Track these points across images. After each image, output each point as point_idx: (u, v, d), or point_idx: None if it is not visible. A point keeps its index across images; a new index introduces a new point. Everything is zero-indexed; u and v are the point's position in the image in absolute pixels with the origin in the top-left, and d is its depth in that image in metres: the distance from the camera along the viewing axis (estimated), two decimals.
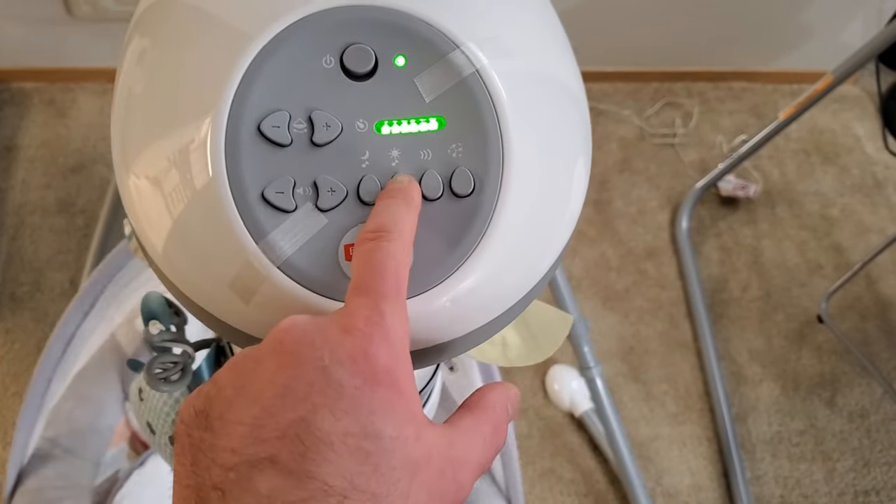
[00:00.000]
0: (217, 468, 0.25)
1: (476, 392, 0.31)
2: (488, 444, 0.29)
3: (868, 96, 1.90)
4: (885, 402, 1.47)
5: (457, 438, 0.28)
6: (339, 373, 0.25)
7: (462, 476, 0.28)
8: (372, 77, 0.31)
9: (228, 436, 0.25)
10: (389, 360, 0.26)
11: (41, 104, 1.70)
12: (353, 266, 0.29)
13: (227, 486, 0.24)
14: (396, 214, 0.29)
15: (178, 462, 0.26)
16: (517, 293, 0.34)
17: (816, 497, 1.37)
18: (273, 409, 0.25)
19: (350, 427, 0.25)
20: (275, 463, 0.24)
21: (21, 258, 1.50)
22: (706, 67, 1.87)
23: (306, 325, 0.27)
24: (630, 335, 1.51)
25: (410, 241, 0.29)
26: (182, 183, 0.31)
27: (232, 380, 0.26)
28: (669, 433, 1.41)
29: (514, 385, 0.32)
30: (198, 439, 0.26)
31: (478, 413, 0.30)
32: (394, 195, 0.30)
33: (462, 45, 0.31)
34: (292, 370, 0.25)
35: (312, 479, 0.24)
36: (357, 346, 0.26)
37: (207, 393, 0.26)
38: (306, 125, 0.30)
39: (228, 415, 0.25)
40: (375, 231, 0.29)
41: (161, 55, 0.33)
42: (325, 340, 0.26)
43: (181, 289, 0.33)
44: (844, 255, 1.64)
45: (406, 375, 0.27)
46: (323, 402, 0.25)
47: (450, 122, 0.31)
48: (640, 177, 1.71)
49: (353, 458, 0.24)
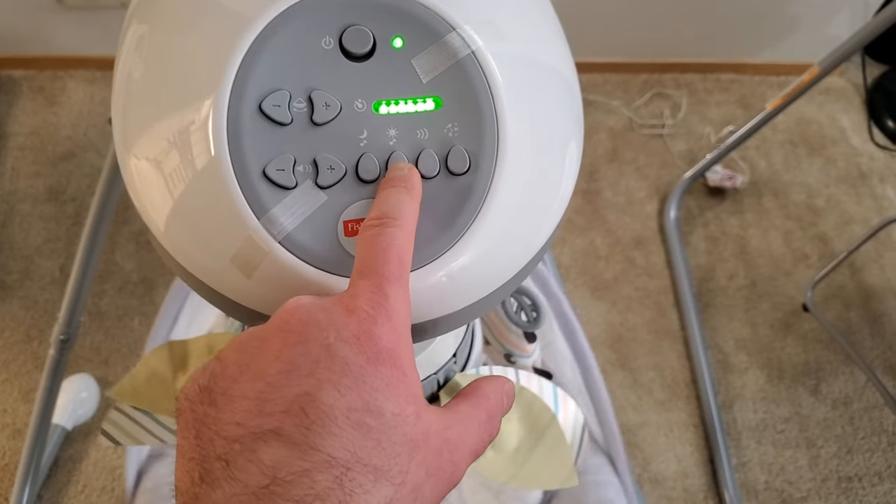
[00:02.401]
0: (221, 440, 0.25)
1: (473, 382, 0.32)
2: (482, 430, 0.31)
3: (854, 88, 1.92)
4: (868, 389, 1.49)
5: (453, 422, 0.29)
6: (343, 351, 0.26)
7: (457, 457, 0.29)
8: (370, 58, 0.32)
9: (233, 410, 0.25)
10: (392, 341, 0.27)
11: (30, 92, 1.70)
12: (358, 251, 0.29)
13: (231, 456, 0.25)
14: (399, 202, 0.30)
15: (182, 436, 0.27)
16: (511, 270, 0.35)
17: (800, 483, 1.39)
18: (278, 384, 0.25)
19: (354, 402, 0.25)
20: (279, 435, 0.24)
21: (11, 246, 1.50)
22: (695, 59, 1.88)
23: (311, 305, 0.27)
24: (618, 323, 1.52)
25: (413, 228, 0.30)
26: (185, 162, 0.31)
27: (237, 357, 0.27)
28: (656, 420, 1.43)
29: (509, 379, 0.33)
30: (202, 414, 0.26)
31: (474, 401, 0.31)
32: (395, 183, 0.31)
33: (458, 27, 0.32)
34: (298, 348, 0.26)
35: (316, 450, 0.24)
36: (362, 327, 0.27)
37: (213, 370, 0.27)
38: (306, 104, 0.31)
39: (233, 391, 0.26)
40: (380, 218, 0.30)
41: (162, 39, 0.34)
42: (330, 321, 0.27)
43: (185, 266, 0.34)
44: (829, 245, 1.66)
45: (408, 356, 0.28)
46: (328, 377, 0.25)
47: (446, 102, 0.32)
48: (628, 167, 1.72)
49: (356, 432, 0.25)
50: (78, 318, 1.22)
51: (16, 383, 1.35)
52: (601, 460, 0.83)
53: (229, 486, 0.24)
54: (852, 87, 1.92)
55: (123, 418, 0.58)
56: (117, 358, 1.38)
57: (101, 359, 1.38)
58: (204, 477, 0.25)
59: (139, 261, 1.49)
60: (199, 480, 0.25)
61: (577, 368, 0.89)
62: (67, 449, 1.29)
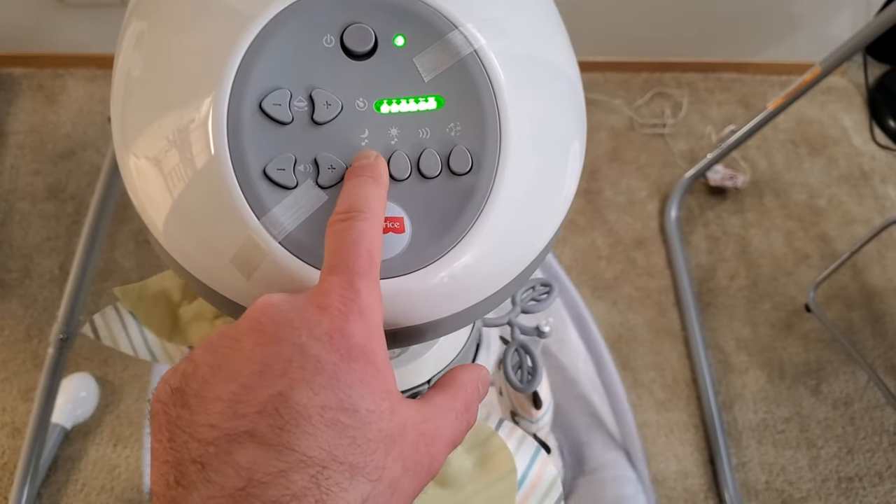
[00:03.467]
0: (195, 443, 0.25)
1: (449, 372, 0.32)
2: (460, 420, 0.30)
3: (855, 88, 1.91)
4: (869, 390, 1.48)
5: (430, 414, 0.29)
6: (316, 349, 0.26)
7: (434, 449, 0.28)
8: (372, 56, 0.32)
9: (206, 412, 0.25)
10: (365, 337, 0.27)
11: (30, 90, 1.69)
12: (327, 245, 0.29)
13: (206, 459, 0.24)
14: (366, 193, 0.30)
15: (156, 439, 0.26)
16: (514, 270, 0.35)
17: (801, 483, 1.39)
18: (251, 385, 0.25)
19: (328, 401, 0.25)
20: (254, 436, 0.24)
21: (10, 244, 1.49)
22: (696, 58, 1.88)
23: (282, 304, 0.27)
24: (619, 323, 1.52)
25: (381, 219, 0.30)
26: (184, 161, 0.31)
27: (208, 358, 0.27)
28: (657, 420, 1.42)
29: (484, 366, 0.33)
30: (175, 416, 0.26)
31: (450, 391, 0.31)
32: (361, 173, 0.30)
33: (461, 25, 0.32)
34: (270, 348, 0.26)
35: (291, 450, 0.24)
36: (334, 324, 0.26)
37: (184, 371, 0.27)
38: (307, 103, 0.31)
39: (206, 392, 0.26)
40: (347, 212, 0.29)
41: (161, 37, 0.33)
42: (302, 319, 0.26)
43: (184, 265, 0.33)
44: (831, 245, 1.66)
45: (381, 351, 0.28)
46: (301, 377, 0.25)
47: (448, 101, 0.32)
48: (629, 166, 1.72)
49: (331, 430, 0.25)
50: (77, 317, 1.22)
51: (15, 382, 1.35)
52: (617, 454, 0.82)
53: (205, 488, 0.24)
54: (854, 87, 1.91)
55: (115, 318, 0.58)
56: (117, 357, 1.37)
57: (100, 358, 1.37)
58: (179, 480, 0.25)
59: (139, 259, 1.49)
60: (175, 483, 0.25)
61: (590, 362, 0.88)
62: (67, 448, 1.29)
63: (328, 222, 0.30)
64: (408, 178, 0.32)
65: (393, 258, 0.31)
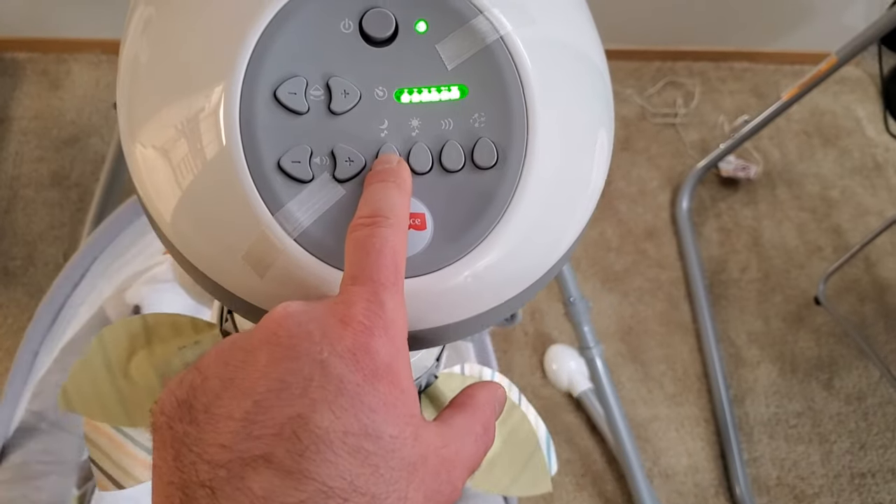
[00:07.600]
0: (204, 465, 0.23)
1: (465, 391, 0.30)
2: (479, 444, 0.29)
3: (870, 78, 1.89)
4: (882, 384, 1.47)
5: (450, 438, 0.27)
6: (338, 367, 0.24)
7: (454, 475, 0.27)
8: (392, 43, 0.30)
9: (216, 431, 0.23)
10: (390, 355, 0.25)
11: (34, 75, 1.68)
12: (348, 252, 0.27)
13: (217, 484, 0.23)
14: (391, 199, 0.28)
15: (159, 456, 0.24)
16: (540, 269, 0.33)
17: (813, 479, 1.38)
18: (267, 404, 0.23)
19: (350, 425, 0.23)
20: (270, 462, 0.22)
21: (14, 232, 1.48)
22: (708, 47, 1.85)
23: (301, 315, 0.25)
24: (629, 315, 1.50)
25: (406, 227, 0.28)
26: (194, 152, 0.29)
27: (219, 370, 0.25)
28: (667, 414, 1.41)
29: (501, 385, 0.31)
30: (181, 433, 0.24)
31: (469, 412, 0.29)
32: (384, 178, 0.29)
33: (486, 10, 0.30)
34: (288, 363, 0.24)
35: (311, 479, 0.22)
36: (358, 340, 0.25)
37: (191, 382, 0.25)
38: (324, 92, 0.29)
39: (216, 408, 0.24)
40: (371, 216, 0.27)
41: (170, 21, 0.32)
42: (323, 333, 0.25)
43: (192, 262, 0.32)
44: (843, 238, 1.64)
45: (406, 371, 0.26)
46: (322, 397, 0.23)
47: (472, 90, 0.30)
48: (640, 156, 1.70)
49: (353, 458, 0.23)
50: None
51: None
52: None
53: None
54: (868, 78, 1.89)
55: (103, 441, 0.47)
56: None
57: None
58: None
59: None
60: None
61: None
62: None
63: (349, 227, 0.28)
64: (429, 171, 0.30)
65: (413, 256, 0.30)
